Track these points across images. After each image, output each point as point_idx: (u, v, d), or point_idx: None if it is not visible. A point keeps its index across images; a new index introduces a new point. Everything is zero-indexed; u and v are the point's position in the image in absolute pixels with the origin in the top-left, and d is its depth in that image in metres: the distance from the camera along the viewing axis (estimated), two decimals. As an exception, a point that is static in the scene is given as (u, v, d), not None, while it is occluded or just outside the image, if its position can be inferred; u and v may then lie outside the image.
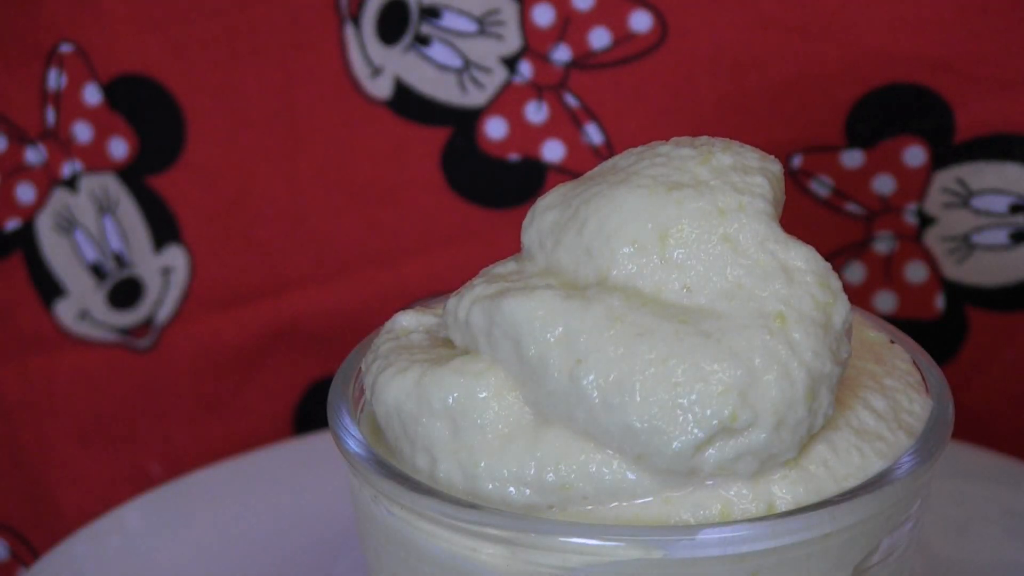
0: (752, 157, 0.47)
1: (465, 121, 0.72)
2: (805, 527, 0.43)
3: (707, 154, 0.46)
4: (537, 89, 0.71)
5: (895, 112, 0.69)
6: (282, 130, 0.73)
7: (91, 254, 0.75)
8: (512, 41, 0.70)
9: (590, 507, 0.44)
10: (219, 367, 0.76)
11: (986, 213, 0.69)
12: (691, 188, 0.45)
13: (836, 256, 0.71)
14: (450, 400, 0.45)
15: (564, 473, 0.44)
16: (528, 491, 0.44)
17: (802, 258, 0.45)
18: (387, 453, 0.47)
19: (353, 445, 0.47)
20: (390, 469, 0.46)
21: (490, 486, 0.44)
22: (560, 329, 0.44)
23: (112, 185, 0.74)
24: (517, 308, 0.44)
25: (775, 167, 0.47)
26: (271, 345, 0.75)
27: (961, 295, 0.71)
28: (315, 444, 0.71)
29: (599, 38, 0.70)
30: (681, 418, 0.43)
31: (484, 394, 0.45)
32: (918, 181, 0.69)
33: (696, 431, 0.43)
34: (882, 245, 0.71)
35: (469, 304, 0.46)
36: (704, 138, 0.48)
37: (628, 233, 0.45)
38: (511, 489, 0.44)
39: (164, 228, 0.75)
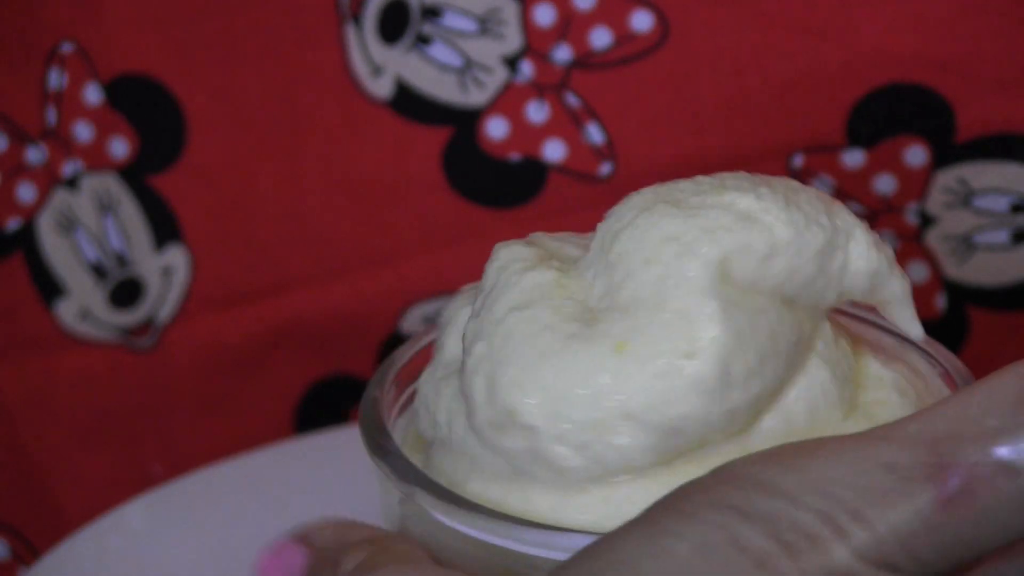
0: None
1: (466, 121, 0.72)
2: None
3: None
4: (538, 89, 0.71)
5: (896, 112, 0.69)
6: (283, 129, 0.73)
7: (92, 254, 0.75)
8: (513, 41, 0.70)
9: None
10: (220, 367, 0.76)
11: (987, 213, 0.69)
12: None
13: (837, 256, 0.71)
14: None
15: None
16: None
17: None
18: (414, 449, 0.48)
19: (393, 456, 0.46)
20: (430, 483, 0.45)
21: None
22: None
23: (113, 185, 0.74)
24: None
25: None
26: (272, 345, 0.75)
27: (962, 295, 0.71)
28: (316, 444, 0.71)
29: (600, 38, 0.70)
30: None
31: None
32: (919, 181, 0.69)
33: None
34: (883, 245, 0.71)
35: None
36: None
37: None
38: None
39: (165, 228, 0.75)
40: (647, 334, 0.44)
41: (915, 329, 0.48)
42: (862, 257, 0.46)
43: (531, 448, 0.45)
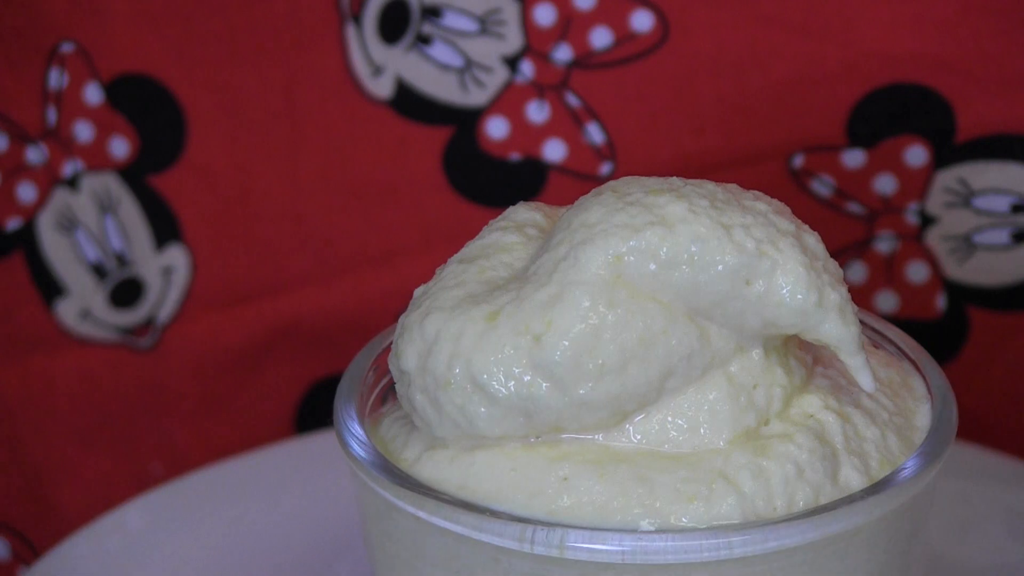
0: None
1: (466, 121, 0.72)
2: (801, 532, 0.43)
3: None
4: (538, 89, 0.71)
5: (896, 112, 0.69)
6: (283, 129, 0.73)
7: (92, 253, 0.75)
8: (513, 41, 0.70)
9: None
10: (220, 367, 0.76)
11: (987, 213, 0.69)
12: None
13: (838, 255, 0.71)
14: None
15: None
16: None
17: None
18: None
19: (361, 451, 0.47)
20: (400, 475, 0.46)
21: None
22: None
23: (113, 184, 0.74)
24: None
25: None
26: (272, 345, 0.75)
27: (962, 295, 0.71)
28: (316, 444, 0.71)
29: (600, 38, 0.70)
30: None
31: None
32: (919, 181, 0.69)
33: None
34: (883, 245, 0.71)
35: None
36: None
37: None
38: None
39: (165, 228, 0.75)
40: (519, 309, 0.45)
41: (863, 380, 0.46)
42: (787, 292, 0.45)
43: (406, 395, 0.46)
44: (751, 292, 0.45)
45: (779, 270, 0.45)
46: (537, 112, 0.71)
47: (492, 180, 0.73)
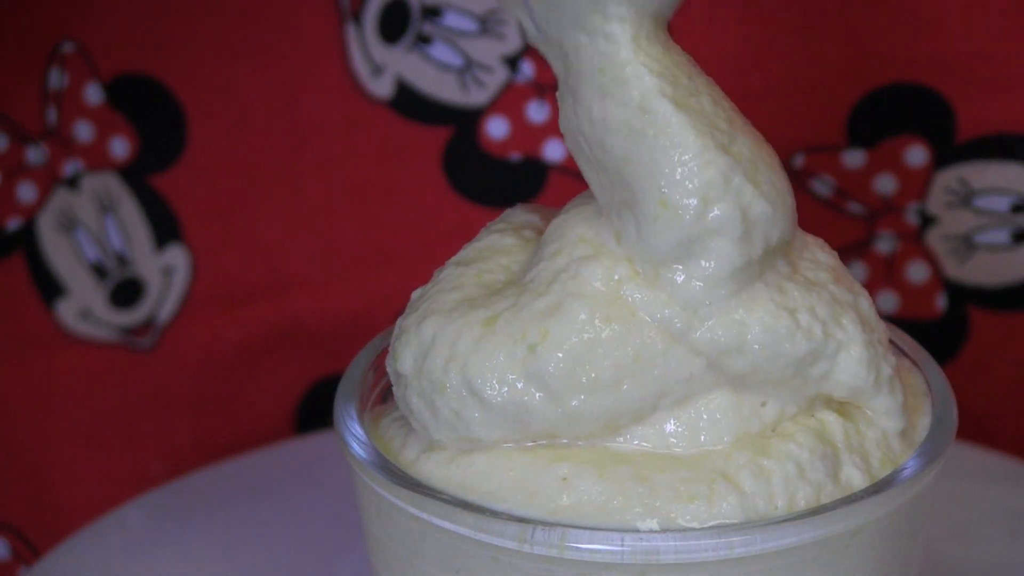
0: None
1: (466, 121, 0.72)
2: (802, 531, 0.43)
3: None
4: (539, 88, 0.71)
5: (897, 112, 0.69)
6: (283, 129, 0.73)
7: (92, 253, 0.75)
8: (513, 40, 0.70)
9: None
10: (220, 367, 0.76)
11: (988, 213, 0.69)
12: None
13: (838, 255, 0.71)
14: None
15: None
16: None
17: None
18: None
19: (361, 451, 0.47)
20: (399, 475, 0.46)
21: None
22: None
23: (113, 184, 0.74)
24: None
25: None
26: (272, 345, 0.75)
27: (963, 295, 0.71)
28: (316, 444, 0.71)
29: (600, 38, 0.70)
30: None
31: None
32: (920, 181, 0.69)
33: None
34: (884, 245, 0.71)
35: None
36: None
37: None
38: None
39: (165, 227, 0.75)
40: (517, 317, 0.44)
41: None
42: (849, 372, 0.45)
43: (403, 397, 0.46)
44: (812, 372, 0.45)
45: (843, 352, 0.45)
46: (537, 112, 0.71)
47: (492, 180, 0.73)
